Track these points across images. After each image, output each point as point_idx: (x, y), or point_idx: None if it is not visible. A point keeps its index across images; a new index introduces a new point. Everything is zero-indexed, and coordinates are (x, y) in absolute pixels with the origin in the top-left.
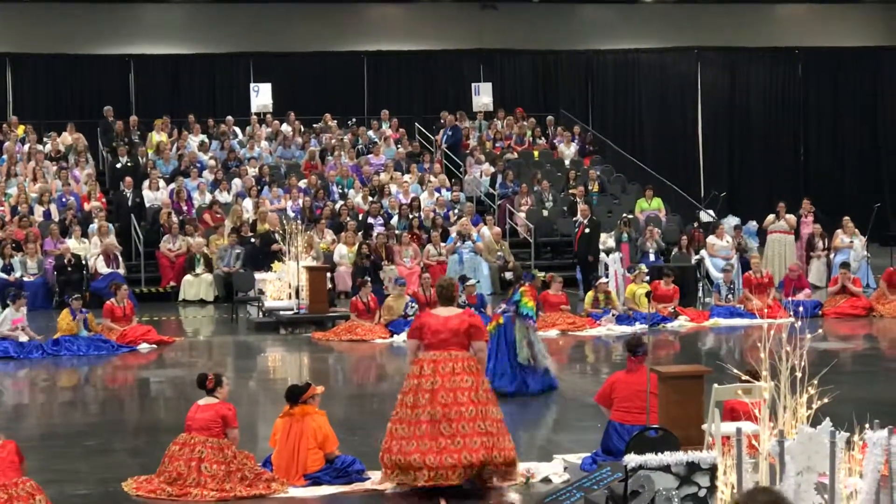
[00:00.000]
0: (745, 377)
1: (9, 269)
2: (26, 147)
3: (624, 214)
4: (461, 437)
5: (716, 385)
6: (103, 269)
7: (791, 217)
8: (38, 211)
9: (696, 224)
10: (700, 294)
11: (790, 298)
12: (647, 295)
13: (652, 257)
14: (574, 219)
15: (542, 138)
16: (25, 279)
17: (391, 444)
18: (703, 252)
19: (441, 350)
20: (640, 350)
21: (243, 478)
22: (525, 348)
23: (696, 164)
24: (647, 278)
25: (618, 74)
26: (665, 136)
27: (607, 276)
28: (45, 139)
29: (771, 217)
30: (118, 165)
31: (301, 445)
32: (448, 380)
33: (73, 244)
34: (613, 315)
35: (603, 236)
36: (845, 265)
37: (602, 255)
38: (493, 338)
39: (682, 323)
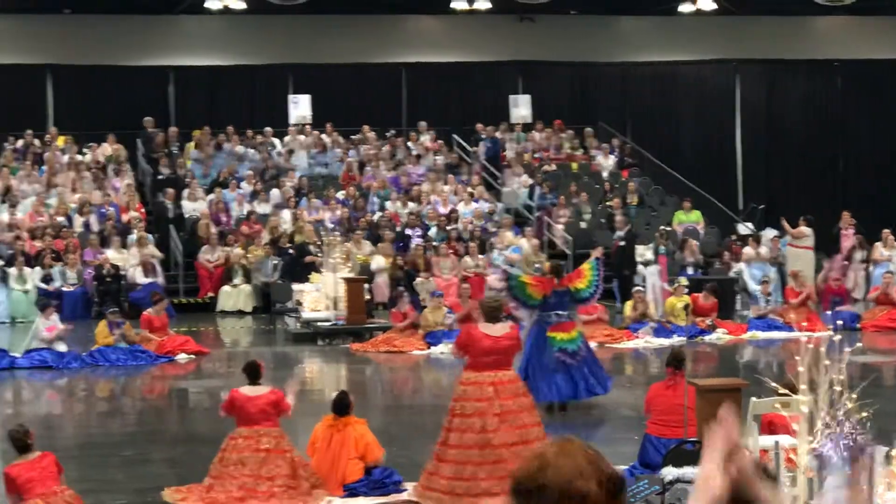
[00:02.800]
0: (783, 390)
1: (48, 279)
2: (66, 158)
3: (662, 227)
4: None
5: (754, 398)
6: (141, 279)
7: (805, 230)
8: (78, 221)
9: (734, 237)
10: (738, 307)
11: (829, 311)
12: (686, 308)
13: (690, 270)
14: (617, 234)
15: (581, 150)
16: (65, 289)
17: (448, 470)
18: (740, 265)
19: (496, 370)
20: (684, 365)
21: (294, 476)
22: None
23: (734, 176)
24: (687, 291)
25: (656, 86)
26: (703, 149)
27: (645, 289)
28: (85, 150)
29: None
30: (158, 176)
31: (342, 454)
32: (512, 402)
33: (112, 254)
34: (651, 327)
35: (641, 249)
36: (889, 272)
37: (640, 267)
38: (525, 347)
39: (720, 335)
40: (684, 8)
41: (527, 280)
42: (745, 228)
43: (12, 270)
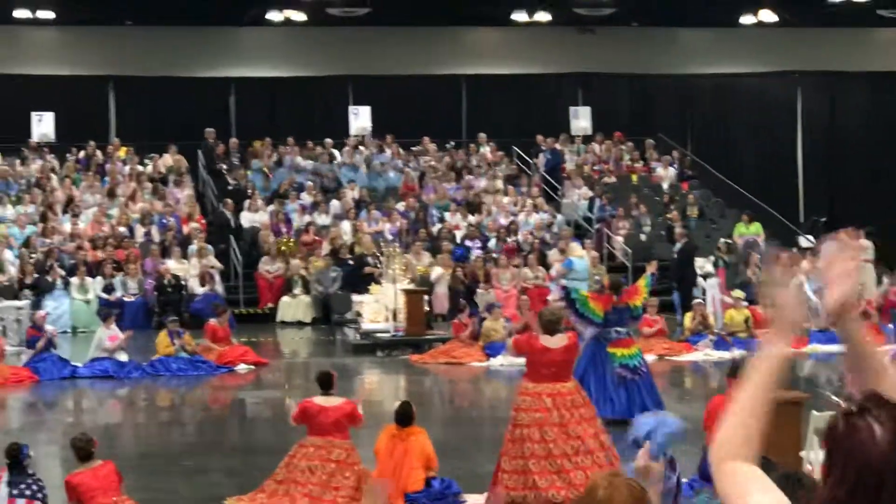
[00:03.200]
0: (843, 404)
1: (109, 289)
2: (128, 168)
3: (722, 239)
4: (591, 468)
5: (814, 411)
6: (200, 290)
7: (865, 242)
8: (139, 231)
9: (795, 249)
10: None
11: (892, 325)
12: (746, 320)
13: (751, 282)
14: (676, 246)
15: (641, 162)
16: (125, 299)
17: (510, 481)
18: (801, 277)
19: (555, 382)
20: None
21: (359, 489)
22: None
23: (795, 188)
24: (746, 304)
25: (716, 98)
26: (764, 161)
27: (705, 301)
28: (146, 161)
29: None
30: (218, 187)
31: (404, 464)
32: (572, 412)
33: (172, 265)
34: (711, 340)
35: (701, 261)
36: None
37: (700, 279)
38: (582, 361)
39: None
40: (745, 20)
41: (588, 295)
42: (805, 241)
43: (74, 280)
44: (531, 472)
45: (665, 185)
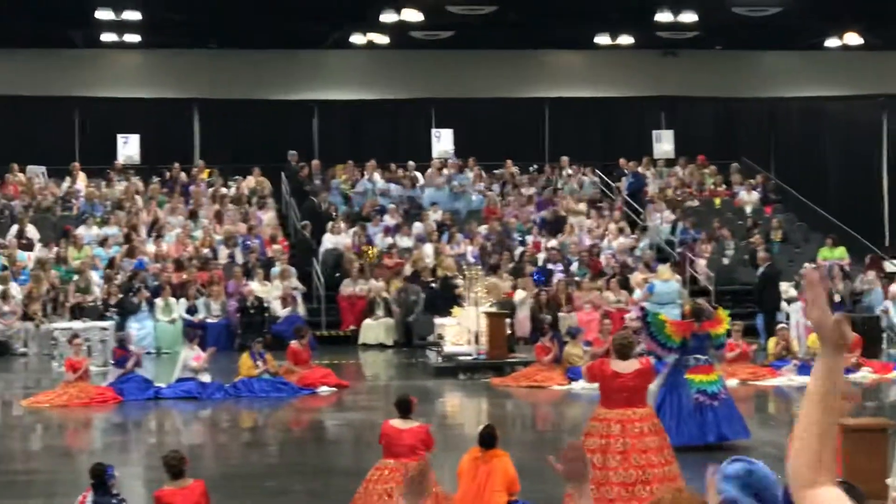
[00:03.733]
0: None
1: (193, 310)
2: (211, 190)
3: (806, 263)
4: (648, 499)
5: None
6: (282, 311)
7: None
8: (223, 253)
9: (881, 274)
10: (884, 345)
11: None
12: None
13: (837, 307)
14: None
15: (724, 185)
16: (208, 321)
17: None
18: (886, 302)
19: (626, 408)
20: None
21: None
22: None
23: (880, 212)
24: None
25: (801, 122)
26: (849, 184)
27: (788, 326)
28: (230, 183)
29: None
30: (301, 209)
31: (487, 487)
32: (638, 441)
33: (255, 287)
34: (795, 365)
35: (784, 285)
36: None
37: (784, 303)
38: (661, 388)
39: (866, 374)
40: (830, 43)
41: (666, 320)
42: (891, 266)
43: (158, 301)
44: (602, 499)
45: (748, 209)
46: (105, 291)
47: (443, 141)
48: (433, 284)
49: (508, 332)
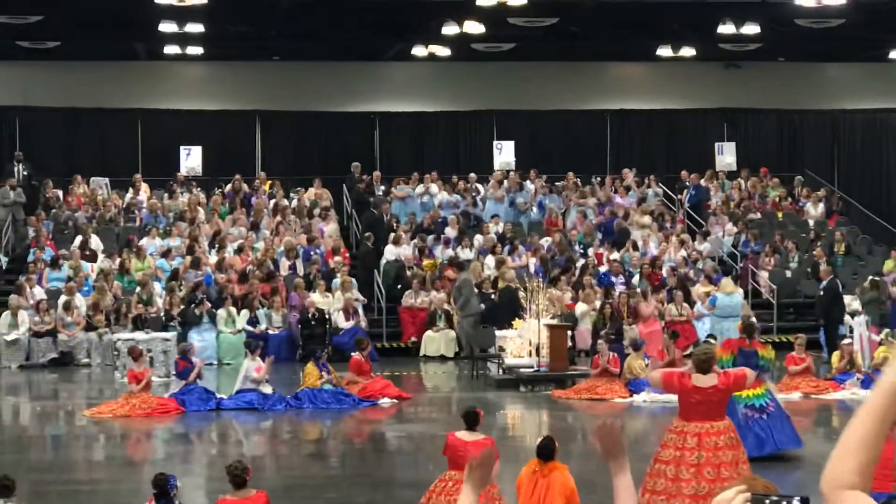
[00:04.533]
0: None
1: (254, 321)
2: (273, 202)
3: (870, 276)
4: None
5: None
6: (344, 323)
7: None
8: (284, 264)
9: None
10: None
11: None
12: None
13: None
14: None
15: (789, 199)
16: (270, 332)
17: None
18: None
19: (703, 421)
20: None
21: None
22: None
23: None
24: (894, 341)
25: (865, 134)
26: None
27: (852, 339)
28: (291, 194)
29: None
30: (362, 221)
31: (546, 500)
32: (712, 454)
33: (317, 298)
34: (858, 379)
35: (848, 299)
36: None
37: (847, 317)
38: None
39: None
40: (894, 55)
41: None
42: None
43: (221, 313)
44: None
45: (811, 222)
46: (167, 302)
47: (504, 153)
48: (493, 296)
49: (569, 344)
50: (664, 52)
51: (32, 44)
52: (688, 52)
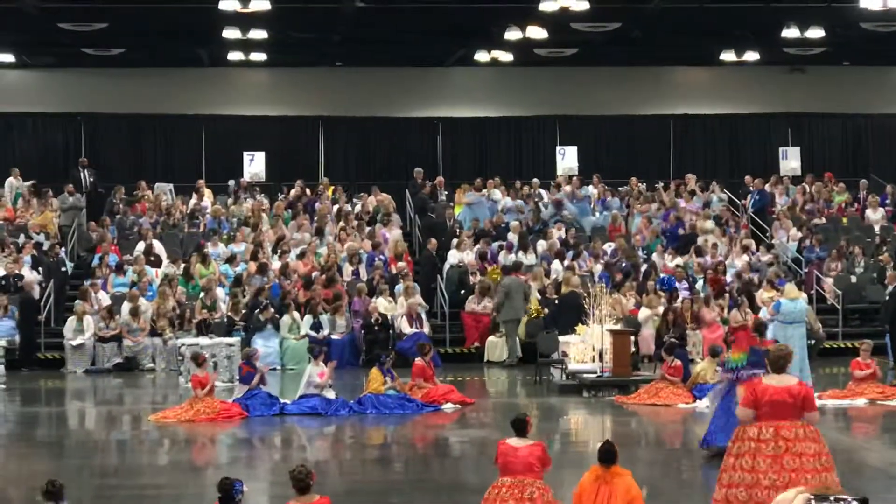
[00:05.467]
0: None
1: (318, 327)
2: (336, 207)
3: None
4: None
5: None
6: (407, 329)
7: None
8: (347, 270)
9: None
10: None
11: None
12: None
13: None
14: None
15: (854, 204)
16: (333, 337)
17: None
18: None
19: (780, 420)
20: None
21: None
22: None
23: None
24: None
25: None
26: None
27: None
28: (354, 200)
29: None
30: (425, 226)
31: None
32: (793, 445)
33: (381, 303)
34: None
35: None
36: None
37: None
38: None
39: None
40: None
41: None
42: None
43: (284, 318)
44: (737, 500)
45: (877, 227)
46: (230, 308)
47: (567, 158)
48: (557, 302)
49: (633, 349)
50: (728, 56)
51: (97, 51)
52: (752, 56)
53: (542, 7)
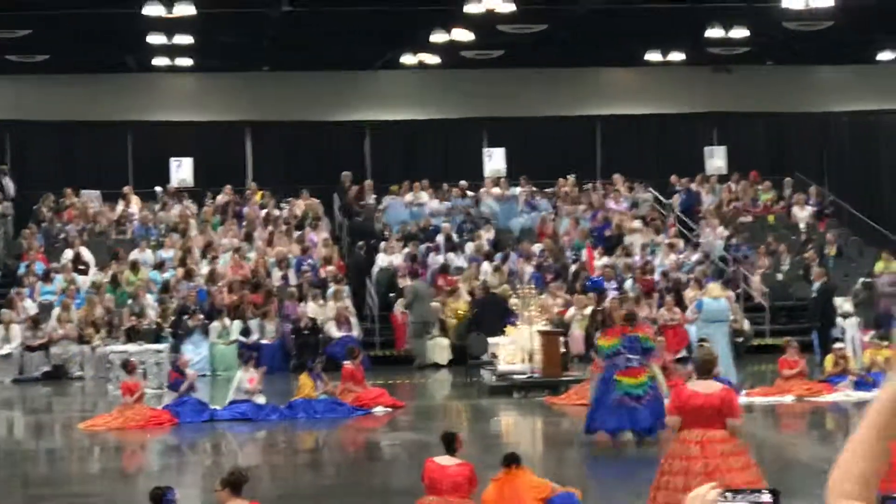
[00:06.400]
0: None
1: (247, 332)
2: (264, 212)
3: (862, 279)
4: None
5: None
6: (335, 333)
7: None
8: (276, 275)
9: None
10: None
11: None
12: (887, 360)
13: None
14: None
15: (780, 202)
16: (263, 342)
17: None
18: None
19: (705, 428)
20: None
21: None
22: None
23: None
24: (886, 343)
25: (855, 136)
26: None
27: (844, 342)
28: (282, 204)
29: None
30: (353, 230)
31: (525, 499)
32: (721, 461)
33: (310, 308)
34: (851, 380)
35: (839, 300)
36: None
37: (839, 319)
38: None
39: None
40: (883, 56)
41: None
42: None
43: (214, 324)
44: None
45: (802, 225)
46: (159, 314)
47: (494, 160)
48: (477, 304)
49: (563, 350)
50: (653, 56)
51: (21, 57)
52: (677, 56)
53: (468, 9)
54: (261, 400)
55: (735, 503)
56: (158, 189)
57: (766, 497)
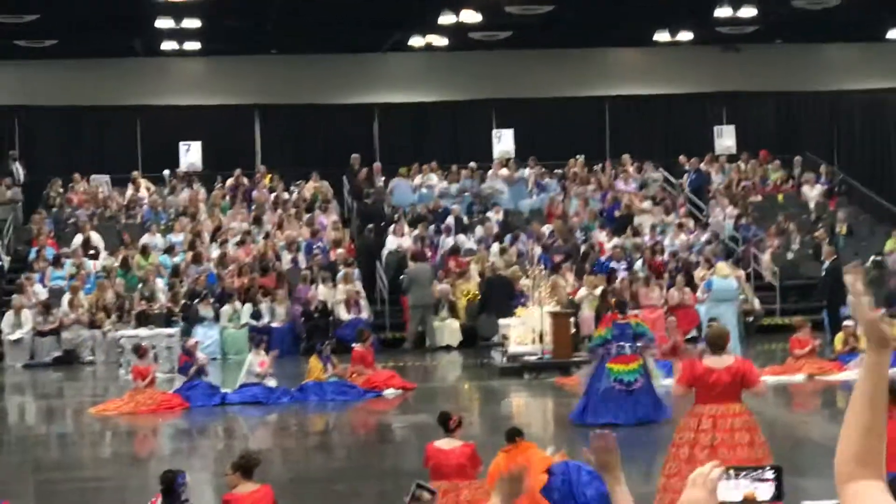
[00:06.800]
0: None
1: (258, 315)
2: (274, 195)
3: (872, 257)
4: None
5: None
6: (345, 315)
7: None
8: (286, 258)
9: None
10: None
11: None
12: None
13: None
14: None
15: (790, 181)
16: (273, 325)
17: (657, 498)
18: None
19: (719, 403)
20: None
21: None
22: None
23: None
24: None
25: (864, 114)
26: None
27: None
28: (292, 187)
29: None
30: (363, 212)
31: (536, 471)
32: (728, 436)
33: (321, 291)
34: (862, 359)
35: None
36: None
37: (849, 297)
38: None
39: None
40: (892, 34)
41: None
42: None
43: (225, 308)
44: (672, 490)
45: (812, 203)
46: (170, 298)
47: (503, 141)
48: (497, 285)
49: (573, 330)
50: (661, 36)
51: (29, 43)
52: (685, 36)
53: None
54: (272, 383)
55: (738, 481)
56: (167, 173)
57: (769, 474)
